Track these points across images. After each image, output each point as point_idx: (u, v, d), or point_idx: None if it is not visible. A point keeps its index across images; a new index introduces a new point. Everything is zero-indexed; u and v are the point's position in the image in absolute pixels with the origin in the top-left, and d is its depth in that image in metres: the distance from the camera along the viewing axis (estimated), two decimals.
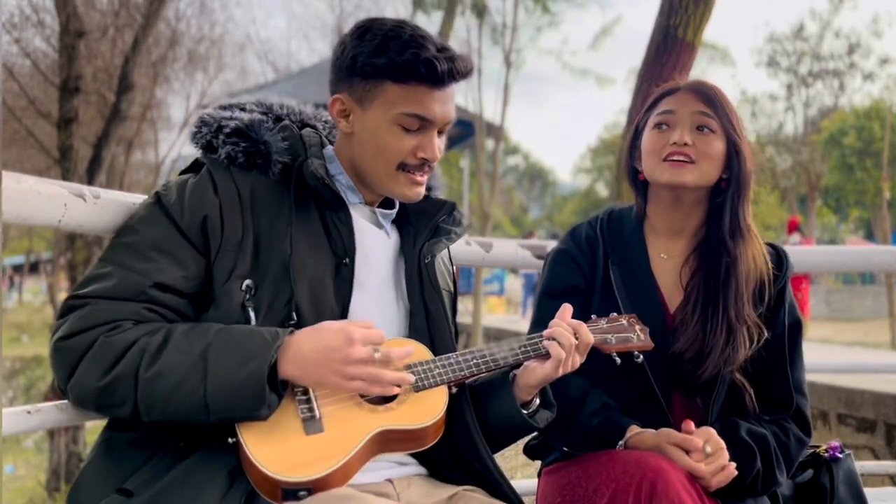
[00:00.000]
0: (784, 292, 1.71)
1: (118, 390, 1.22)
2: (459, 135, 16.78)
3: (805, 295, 11.02)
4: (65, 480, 9.99)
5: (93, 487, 1.25)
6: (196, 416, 1.22)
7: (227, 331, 1.25)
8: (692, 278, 1.68)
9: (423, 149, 1.41)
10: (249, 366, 1.21)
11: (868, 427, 6.15)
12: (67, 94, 9.61)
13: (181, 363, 1.21)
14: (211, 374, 1.21)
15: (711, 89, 1.67)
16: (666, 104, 1.69)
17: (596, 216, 1.80)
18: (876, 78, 26.56)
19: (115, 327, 1.25)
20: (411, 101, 1.38)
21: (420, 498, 1.37)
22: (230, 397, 1.21)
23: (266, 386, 1.21)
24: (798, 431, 1.65)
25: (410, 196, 1.45)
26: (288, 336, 1.26)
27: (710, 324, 1.62)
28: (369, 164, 1.43)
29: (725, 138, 1.65)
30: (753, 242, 1.67)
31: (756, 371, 1.66)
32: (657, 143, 1.66)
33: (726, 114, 1.65)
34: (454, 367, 1.39)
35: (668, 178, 1.63)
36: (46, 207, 1.36)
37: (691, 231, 1.72)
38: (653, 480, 1.38)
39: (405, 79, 1.37)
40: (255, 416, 1.22)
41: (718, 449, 1.48)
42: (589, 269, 1.71)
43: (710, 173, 1.64)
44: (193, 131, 1.44)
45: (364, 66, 1.37)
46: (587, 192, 38.93)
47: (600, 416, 1.59)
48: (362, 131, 1.42)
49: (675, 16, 3.23)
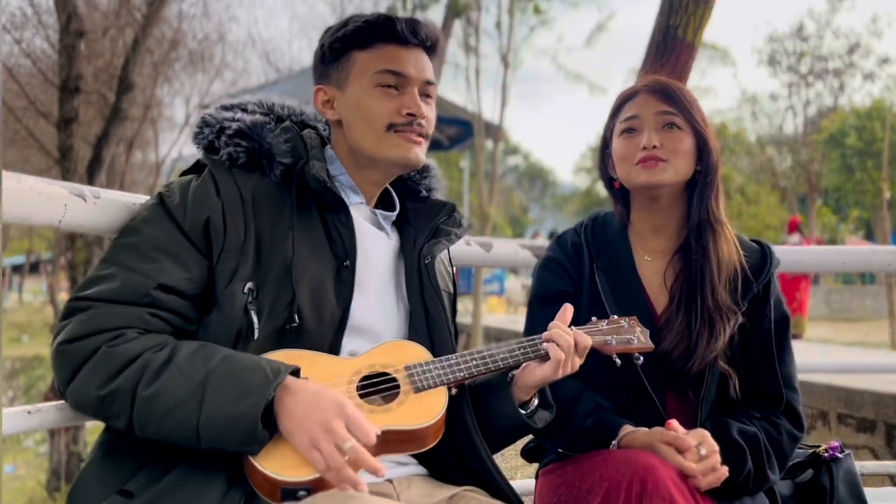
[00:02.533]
0: (769, 287, 1.72)
1: (115, 403, 1.22)
2: (459, 135, 16.77)
3: (805, 295, 11.02)
4: (65, 480, 9.99)
5: (93, 488, 1.25)
6: (187, 441, 1.21)
7: (231, 360, 1.23)
8: (676, 279, 1.70)
9: (406, 105, 1.42)
10: (246, 401, 1.18)
11: (868, 427, 6.14)
12: (68, 94, 9.61)
13: (180, 387, 1.20)
14: (207, 403, 1.19)
15: (670, 86, 1.69)
16: (629, 109, 1.71)
17: (581, 222, 1.83)
18: (876, 78, 26.58)
19: (119, 335, 1.24)
20: (381, 59, 1.42)
21: (420, 498, 1.38)
22: (222, 430, 1.19)
23: (259, 424, 1.18)
24: (790, 427, 1.66)
25: (409, 157, 1.44)
26: (289, 378, 1.23)
27: (694, 320, 1.64)
28: (361, 137, 1.43)
29: (693, 132, 1.67)
30: (725, 234, 1.69)
31: (745, 367, 1.68)
32: (627, 149, 1.68)
33: (688, 109, 1.67)
34: (454, 368, 1.39)
35: (644, 179, 1.65)
36: (47, 207, 1.36)
37: (673, 231, 1.73)
38: (643, 478, 1.39)
39: (369, 42, 1.42)
40: (246, 451, 1.20)
41: (712, 452, 1.49)
42: (576, 274, 1.73)
43: (684, 169, 1.67)
44: (195, 132, 1.44)
45: (332, 45, 1.44)
46: (587, 192, 38.89)
47: (593, 416, 1.60)
48: (347, 110, 1.44)
49: (675, 16, 3.23)
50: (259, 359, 1.25)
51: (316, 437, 1.17)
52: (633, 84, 1.81)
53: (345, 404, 1.21)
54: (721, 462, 1.49)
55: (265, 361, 1.24)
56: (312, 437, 1.18)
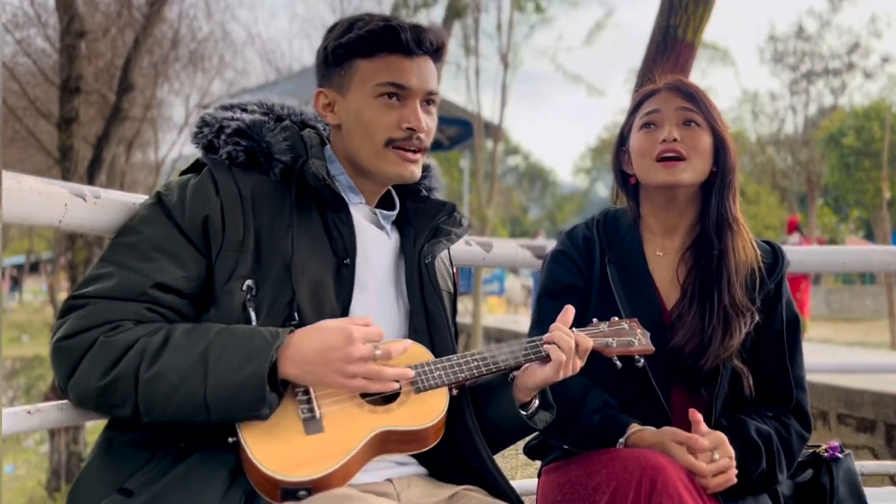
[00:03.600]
0: (780, 288, 1.72)
1: (118, 390, 1.22)
2: (459, 135, 16.78)
3: (805, 295, 11.02)
4: (65, 480, 9.99)
5: (93, 487, 1.25)
6: (197, 416, 1.22)
7: (228, 330, 1.25)
8: (688, 274, 1.70)
9: (406, 119, 1.41)
10: (250, 366, 1.20)
11: (868, 427, 6.14)
12: (68, 94, 9.61)
13: (182, 363, 1.21)
14: (211, 374, 1.21)
15: (691, 86, 1.71)
16: (649, 105, 1.72)
17: (592, 217, 1.82)
18: (876, 78, 26.59)
19: (116, 327, 1.25)
20: (383, 70, 1.40)
21: (420, 498, 1.38)
22: (231, 397, 1.20)
23: (267, 385, 1.20)
24: (799, 427, 1.66)
25: (405, 175, 1.44)
26: (288, 335, 1.26)
27: (708, 315, 1.63)
28: (359, 148, 1.43)
29: (711, 131, 1.68)
30: (742, 233, 1.70)
31: (756, 367, 1.68)
32: (647, 143, 1.68)
33: (708, 108, 1.68)
34: (455, 368, 1.39)
35: (663, 178, 1.65)
36: (47, 207, 1.36)
37: (686, 228, 1.73)
38: (652, 477, 1.38)
39: (374, 51, 1.40)
40: (256, 415, 1.22)
41: (727, 457, 1.48)
42: (586, 268, 1.72)
43: (702, 168, 1.67)
44: (195, 131, 1.44)
45: (335, 51, 1.42)
46: (587, 192, 38.90)
47: (601, 414, 1.59)
48: (347, 117, 1.44)
49: (675, 16, 3.22)
50: (254, 327, 1.27)
51: (345, 370, 1.23)
52: (635, 83, 1.81)
53: (345, 327, 1.25)
54: (737, 458, 1.49)
55: (262, 328, 1.26)
56: (342, 371, 1.23)
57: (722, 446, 1.49)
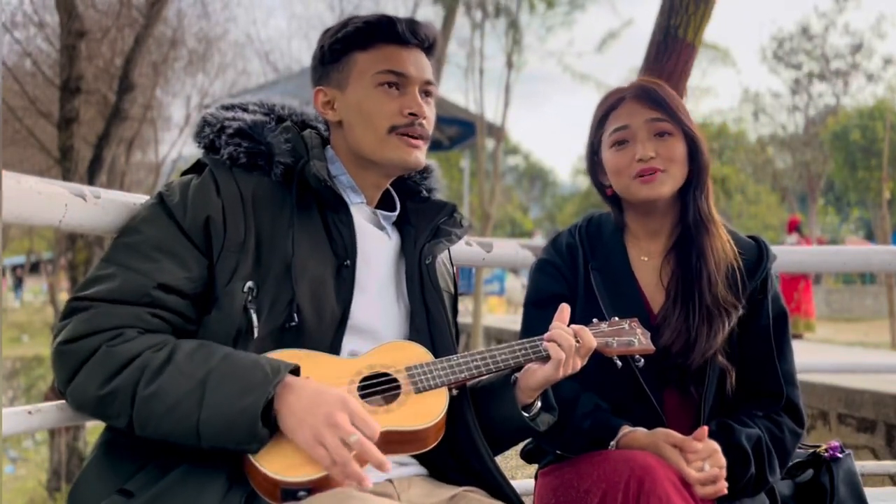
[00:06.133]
0: (767, 283, 1.72)
1: (115, 403, 1.21)
2: (460, 135, 16.76)
3: (807, 296, 11.01)
4: (65, 480, 9.99)
5: (93, 488, 1.25)
6: (187, 440, 1.20)
7: (231, 358, 1.23)
8: (671, 276, 1.70)
9: (407, 105, 1.43)
10: (246, 399, 1.18)
11: (868, 427, 6.14)
12: (68, 94, 9.60)
13: (180, 386, 1.20)
14: (207, 402, 1.19)
15: (656, 90, 1.67)
16: (616, 119, 1.68)
17: (576, 223, 1.82)
18: (879, 78, 26.58)
19: (119, 335, 1.24)
20: (381, 60, 1.43)
21: (420, 498, 1.37)
22: (222, 428, 1.18)
23: (259, 422, 1.18)
24: (791, 424, 1.66)
25: (409, 160, 1.45)
26: (289, 376, 1.23)
27: (692, 315, 1.64)
28: (362, 139, 1.44)
29: (684, 136, 1.66)
30: (718, 232, 1.70)
31: (745, 363, 1.68)
32: (621, 161, 1.66)
33: (676, 112, 1.66)
34: (455, 368, 1.39)
35: (644, 195, 1.65)
36: (47, 207, 1.36)
37: (668, 231, 1.74)
38: (640, 478, 1.39)
39: (370, 43, 1.43)
40: (245, 449, 1.20)
41: (717, 467, 1.48)
42: (571, 275, 1.73)
43: (681, 175, 1.66)
44: (196, 131, 1.44)
45: (332, 46, 1.45)
46: (587, 192, 38.87)
47: (592, 417, 1.60)
48: (348, 111, 1.45)
49: (676, 16, 3.22)
50: (259, 357, 1.25)
51: (320, 433, 1.17)
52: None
53: (347, 399, 1.21)
54: (726, 465, 1.49)
55: (265, 360, 1.24)
56: (317, 432, 1.17)
57: (713, 456, 1.48)
